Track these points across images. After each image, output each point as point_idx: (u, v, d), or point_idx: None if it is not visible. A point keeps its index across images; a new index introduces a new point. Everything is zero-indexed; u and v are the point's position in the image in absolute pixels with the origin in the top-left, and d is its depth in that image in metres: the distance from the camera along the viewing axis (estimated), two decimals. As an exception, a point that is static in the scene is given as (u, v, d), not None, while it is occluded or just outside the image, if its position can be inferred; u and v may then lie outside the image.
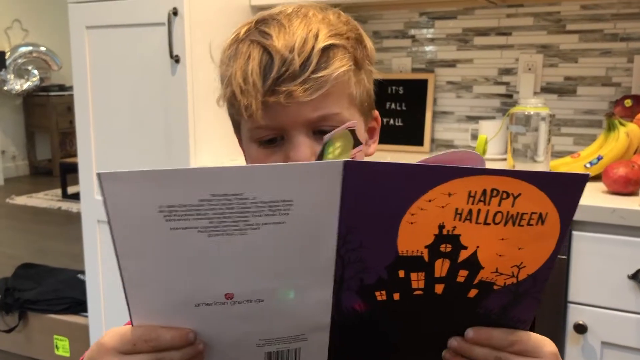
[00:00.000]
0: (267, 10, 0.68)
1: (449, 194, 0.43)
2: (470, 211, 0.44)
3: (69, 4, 1.85)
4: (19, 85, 6.13)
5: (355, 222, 0.44)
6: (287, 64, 0.61)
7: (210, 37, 0.71)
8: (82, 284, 2.30)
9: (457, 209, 0.44)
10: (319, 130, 0.64)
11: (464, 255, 0.46)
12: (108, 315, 1.97)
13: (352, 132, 0.55)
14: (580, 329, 1.22)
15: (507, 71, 1.82)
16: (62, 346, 2.32)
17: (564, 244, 0.48)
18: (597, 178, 1.38)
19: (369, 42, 0.70)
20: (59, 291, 2.41)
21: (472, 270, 0.46)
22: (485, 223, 0.44)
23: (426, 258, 0.46)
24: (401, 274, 0.46)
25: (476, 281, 0.47)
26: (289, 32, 0.63)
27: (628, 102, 1.54)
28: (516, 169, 1.34)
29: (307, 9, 0.67)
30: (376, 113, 0.74)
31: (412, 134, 1.93)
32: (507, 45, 1.81)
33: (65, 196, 5.18)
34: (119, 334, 0.51)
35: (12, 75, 6.09)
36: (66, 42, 1.90)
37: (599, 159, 1.39)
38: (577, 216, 1.22)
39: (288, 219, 0.44)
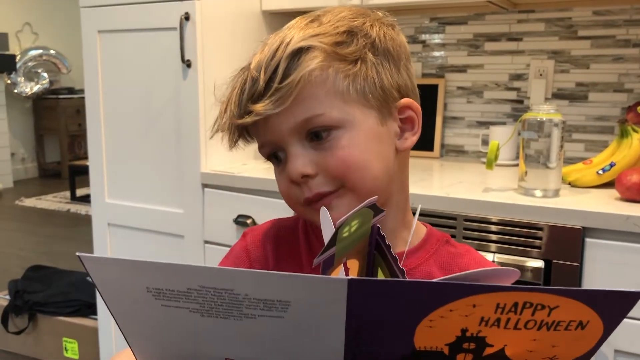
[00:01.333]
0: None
1: (474, 305, 0.38)
2: (498, 319, 0.39)
3: (81, 9, 1.86)
4: (28, 88, 6.18)
5: (364, 327, 0.40)
6: (256, 83, 0.61)
7: (222, 42, 0.71)
8: (92, 286, 2.30)
9: (482, 317, 0.39)
10: (312, 134, 0.62)
11: (489, 351, 0.42)
12: (117, 318, 1.98)
13: (373, 205, 0.51)
14: (593, 336, 1.21)
15: (518, 77, 1.82)
16: (71, 348, 2.32)
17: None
18: (610, 185, 1.37)
19: (377, 31, 0.64)
20: (68, 293, 2.42)
21: None
22: (516, 328, 0.40)
23: (447, 353, 0.42)
24: None
25: None
26: (265, 50, 0.62)
27: (641, 109, 1.54)
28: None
29: (299, 19, 0.65)
30: (407, 101, 0.66)
31: (422, 139, 1.90)
32: (518, 51, 1.81)
33: (74, 198, 5.21)
34: None
35: (22, 78, 6.14)
36: (75, 45, 1.91)
37: (612, 165, 1.38)
38: (590, 223, 1.21)
39: (286, 315, 0.40)
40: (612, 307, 0.40)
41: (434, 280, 0.39)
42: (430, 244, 0.70)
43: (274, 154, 0.65)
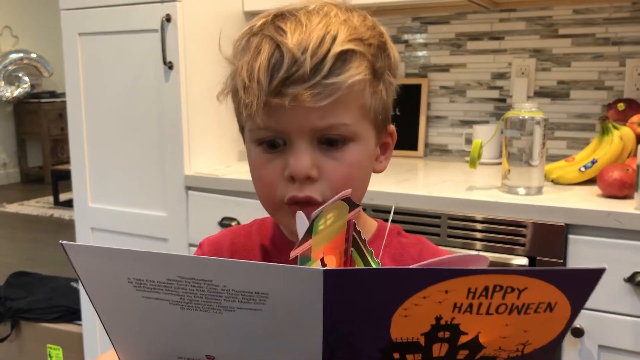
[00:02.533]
0: (288, 5, 0.64)
1: (446, 291, 0.39)
2: (470, 304, 0.40)
3: (61, 11, 1.84)
4: (9, 92, 6.10)
5: (341, 320, 0.41)
6: (297, 64, 0.57)
7: (204, 43, 0.68)
8: (76, 292, 2.28)
9: (455, 303, 0.40)
10: (325, 139, 0.60)
11: (463, 339, 0.42)
12: (102, 323, 1.96)
13: (347, 199, 0.51)
14: (577, 332, 1.22)
15: (501, 75, 1.83)
16: (56, 355, 2.29)
17: (576, 316, 0.44)
18: (592, 181, 1.38)
19: (393, 51, 0.66)
20: (51, 299, 2.39)
21: (473, 349, 0.43)
22: (488, 313, 0.41)
23: (422, 343, 0.42)
24: (396, 355, 0.43)
25: (478, 357, 0.44)
26: (305, 31, 0.58)
27: (621, 106, 1.55)
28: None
29: (330, 7, 0.62)
30: (392, 128, 0.69)
31: (406, 139, 1.93)
32: (500, 50, 1.82)
33: (57, 203, 5.15)
34: None
35: (3, 82, 6.06)
36: (57, 48, 1.89)
37: (594, 162, 1.39)
38: (573, 220, 1.23)
39: (264, 308, 0.41)
40: (577, 285, 0.41)
41: (407, 267, 0.40)
42: (381, 238, 0.70)
43: (271, 141, 0.62)
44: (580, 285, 0.41)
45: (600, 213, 1.20)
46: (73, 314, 2.29)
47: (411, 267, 0.40)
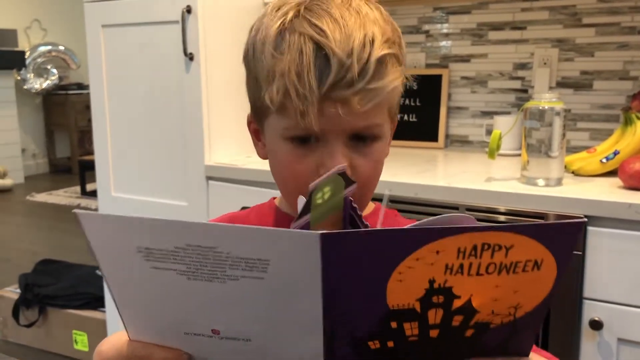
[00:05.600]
0: None
1: (437, 252, 0.41)
2: (461, 265, 0.42)
3: (84, 3, 1.87)
4: (38, 84, 6.22)
5: (339, 286, 0.42)
6: (345, 69, 0.57)
7: (224, 35, 0.69)
8: (100, 279, 2.33)
9: (447, 264, 0.42)
10: (355, 135, 0.62)
11: (457, 303, 0.44)
12: (125, 310, 2.00)
13: (342, 174, 0.53)
14: (596, 325, 1.21)
15: (522, 66, 1.80)
16: (81, 341, 2.35)
17: (562, 275, 0.45)
18: (613, 173, 1.36)
19: (404, 47, 0.67)
20: (77, 287, 2.45)
21: (467, 315, 0.45)
22: (478, 274, 0.43)
23: (418, 310, 0.44)
24: (393, 324, 0.44)
25: (472, 323, 0.45)
26: (345, 32, 0.58)
27: (645, 96, 1.52)
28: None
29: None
30: (397, 117, 0.72)
31: (426, 130, 1.92)
32: (522, 40, 1.79)
33: (84, 193, 5.24)
34: (116, 347, 0.53)
35: (32, 74, 6.18)
36: (84, 41, 1.92)
37: (616, 153, 1.37)
38: (593, 211, 1.21)
39: (266, 276, 0.42)
40: (559, 239, 0.42)
41: (400, 227, 0.42)
42: (377, 216, 0.70)
43: (303, 137, 0.62)
44: (562, 238, 0.42)
45: (620, 205, 1.18)
46: (98, 301, 2.34)
47: (404, 227, 0.41)
